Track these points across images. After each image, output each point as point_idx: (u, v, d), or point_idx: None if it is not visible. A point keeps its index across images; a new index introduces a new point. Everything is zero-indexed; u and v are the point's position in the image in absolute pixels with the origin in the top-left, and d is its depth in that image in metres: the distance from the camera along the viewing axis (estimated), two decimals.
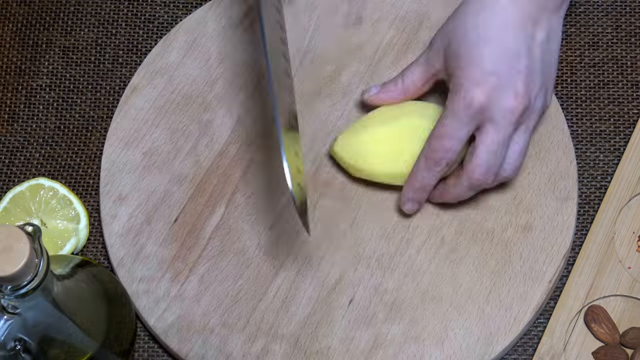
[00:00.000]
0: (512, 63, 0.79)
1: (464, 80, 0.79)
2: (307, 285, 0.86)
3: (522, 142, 0.81)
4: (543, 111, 0.82)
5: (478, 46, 0.79)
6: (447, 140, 0.80)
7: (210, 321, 0.85)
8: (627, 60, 0.95)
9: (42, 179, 0.89)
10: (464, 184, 0.82)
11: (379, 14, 0.95)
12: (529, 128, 0.81)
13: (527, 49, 0.80)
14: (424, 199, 0.86)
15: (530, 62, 0.80)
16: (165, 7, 0.99)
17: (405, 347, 0.83)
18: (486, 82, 0.78)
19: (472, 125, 0.80)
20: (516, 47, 0.79)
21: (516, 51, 0.79)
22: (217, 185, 0.89)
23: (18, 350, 0.72)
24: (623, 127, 0.93)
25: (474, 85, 0.78)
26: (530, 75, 0.80)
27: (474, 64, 0.79)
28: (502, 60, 0.79)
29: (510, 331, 0.84)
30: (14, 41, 0.98)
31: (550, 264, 0.85)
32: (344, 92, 0.92)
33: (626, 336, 0.84)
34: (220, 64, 0.94)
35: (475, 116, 0.79)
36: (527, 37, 0.80)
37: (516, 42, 0.79)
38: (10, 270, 0.64)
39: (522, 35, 0.79)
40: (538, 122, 0.83)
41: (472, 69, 0.79)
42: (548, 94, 0.82)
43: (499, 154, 0.80)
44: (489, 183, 0.82)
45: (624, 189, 0.89)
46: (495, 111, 0.79)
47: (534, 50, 0.80)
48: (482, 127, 0.80)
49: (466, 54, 0.80)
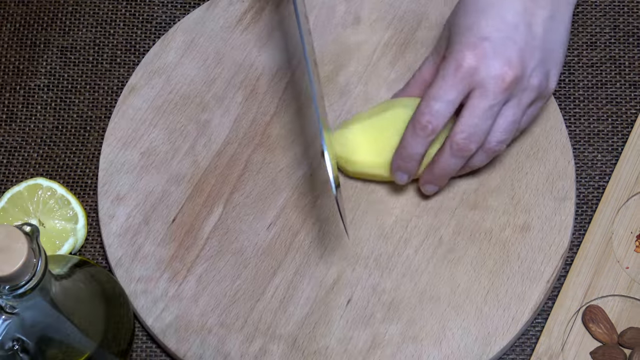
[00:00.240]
0: (508, 33, 0.79)
1: (457, 45, 0.79)
2: (305, 285, 0.86)
3: (510, 115, 0.80)
4: (542, 92, 0.81)
5: (475, 14, 0.80)
6: (435, 102, 0.79)
7: (208, 321, 0.85)
8: (625, 60, 0.95)
9: (40, 179, 0.89)
10: (447, 150, 0.81)
11: (377, 13, 0.95)
12: (522, 103, 0.80)
13: (527, 23, 0.79)
14: (413, 169, 0.84)
15: (529, 36, 0.79)
16: (163, 7, 0.99)
17: (403, 347, 0.83)
18: (478, 46, 0.78)
19: (461, 89, 0.79)
20: (514, 19, 0.79)
21: (514, 23, 0.79)
22: (215, 185, 0.89)
23: (16, 350, 0.71)
24: (621, 127, 0.93)
25: (466, 48, 0.78)
26: (526, 48, 0.79)
27: (469, 30, 0.79)
28: (497, 28, 0.79)
29: (508, 331, 0.84)
30: (12, 41, 0.98)
31: (548, 264, 0.86)
32: (342, 92, 0.92)
33: (624, 336, 0.84)
34: (218, 64, 0.94)
35: (465, 79, 0.78)
36: (527, 13, 0.79)
37: (515, 14, 0.79)
38: (8, 270, 0.64)
39: (522, 9, 0.79)
40: (536, 103, 0.82)
41: (466, 35, 0.79)
42: (551, 75, 0.81)
43: (483, 121, 0.79)
44: (471, 149, 0.80)
45: (622, 189, 0.89)
46: (484, 76, 0.78)
47: (534, 27, 0.80)
48: (470, 93, 0.79)
49: (463, 23, 0.80)
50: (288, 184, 0.89)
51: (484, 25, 0.79)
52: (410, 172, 0.84)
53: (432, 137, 0.80)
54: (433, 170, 0.83)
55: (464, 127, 0.79)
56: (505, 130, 0.81)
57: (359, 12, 0.95)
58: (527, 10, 0.80)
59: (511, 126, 0.81)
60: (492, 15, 0.79)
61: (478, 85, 0.78)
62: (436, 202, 0.88)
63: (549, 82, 0.81)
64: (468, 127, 0.79)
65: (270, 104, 0.92)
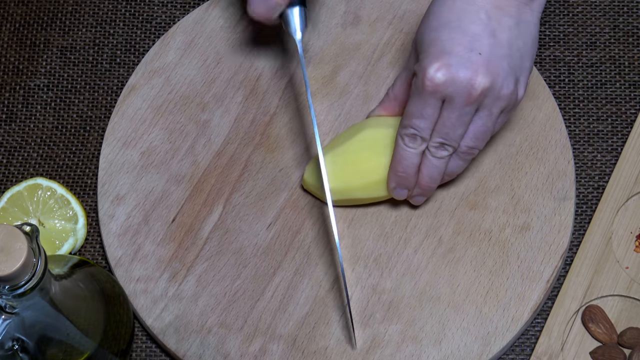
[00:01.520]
0: (472, 44, 0.79)
1: (424, 60, 0.79)
2: (304, 285, 0.86)
3: (481, 125, 0.81)
4: (512, 100, 0.81)
5: (437, 29, 0.80)
6: (415, 119, 0.80)
7: (208, 321, 0.85)
8: (625, 60, 0.95)
9: (40, 179, 0.90)
10: (427, 157, 0.82)
11: (377, 13, 0.95)
12: (493, 113, 0.80)
13: (491, 32, 0.79)
14: (412, 181, 0.84)
15: (495, 45, 0.79)
16: (163, 7, 0.99)
17: (402, 347, 0.83)
18: (444, 61, 0.78)
19: (433, 103, 0.79)
20: (477, 29, 0.79)
21: (477, 33, 0.79)
22: (215, 185, 0.89)
23: (16, 350, 0.72)
24: (621, 127, 0.93)
25: (431, 64, 0.79)
26: (493, 58, 0.79)
27: (433, 45, 0.79)
28: (459, 42, 0.79)
29: (508, 331, 0.84)
30: (11, 41, 0.98)
31: (548, 264, 0.86)
32: (342, 92, 0.92)
33: (624, 336, 0.84)
34: (218, 64, 0.94)
35: (434, 94, 0.79)
36: (492, 21, 0.79)
37: (478, 24, 0.79)
38: (8, 270, 0.64)
39: (485, 18, 0.79)
40: (505, 111, 0.82)
41: (431, 50, 0.79)
42: (520, 84, 0.81)
43: (453, 129, 0.80)
44: (443, 156, 0.81)
45: (622, 189, 0.89)
46: (452, 90, 0.78)
47: (499, 34, 0.79)
48: (443, 103, 0.80)
49: (427, 39, 0.80)
50: (288, 184, 0.89)
51: (445, 39, 0.79)
52: (409, 185, 0.84)
53: (424, 145, 0.81)
54: (419, 182, 0.84)
55: (436, 135, 0.81)
56: (477, 138, 0.81)
57: (358, 12, 0.95)
58: (492, 18, 0.79)
59: (483, 135, 0.81)
60: (454, 28, 0.79)
61: (447, 97, 0.79)
62: (436, 202, 0.88)
63: (518, 90, 0.81)
64: (441, 135, 0.80)
65: (270, 104, 0.92)
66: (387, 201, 0.88)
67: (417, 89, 0.79)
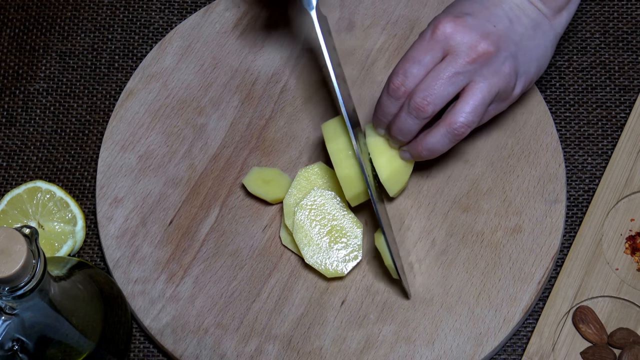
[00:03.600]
0: (490, 18, 0.80)
1: (441, 15, 0.80)
2: (299, 286, 0.86)
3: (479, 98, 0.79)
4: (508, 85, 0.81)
5: (463, 1, 0.82)
6: (409, 63, 0.80)
7: (204, 322, 0.85)
8: (615, 65, 0.96)
9: (40, 182, 0.90)
10: (404, 108, 0.80)
11: (371, 19, 0.95)
12: (491, 89, 0.79)
13: (509, 18, 0.81)
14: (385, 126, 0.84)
15: (509, 29, 0.80)
16: (161, 12, 0.99)
17: (396, 348, 0.84)
18: (459, 17, 0.79)
19: (435, 52, 0.79)
20: (497, 12, 0.81)
21: (497, 14, 0.80)
22: (212, 188, 0.90)
23: (16, 350, 0.72)
24: (611, 130, 0.93)
25: (445, 17, 0.80)
26: (504, 37, 0.80)
27: (454, 7, 0.81)
28: (480, 11, 0.80)
29: (500, 331, 0.84)
30: (11, 46, 0.98)
31: (539, 265, 0.86)
32: None
33: (614, 336, 0.84)
34: (215, 68, 0.94)
35: (439, 42, 0.79)
36: (512, 13, 0.81)
37: (498, 8, 0.81)
38: (8, 272, 0.64)
39: (507, 8, 0.81)
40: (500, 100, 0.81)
41: (450, 10, 0.81)
42: (519, 80, 0.82)
43: (445, 86, 0.79)
44: (427, 111, 0.79)
45: (612, 192, 0.89)
46: (458, 42, 0.79)
47: (516, 25, 0.81)
48: (442, 59, 0.80)
49: (450, 7, 0.82)
50: None
51: (467, 5, 0.81)
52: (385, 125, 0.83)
53: (403, 99, 0.80)
54: (391, 130, 0.82)
55: (425, 86, 0.79)
56: (473, 112, 0.79)
57: (352, 17, 0.95)
58: (513, 10, 0.81)
59: (479, 109, 0.80)
60: (477, 2, 0.81)
61: (451, 50, 0.79)
62: (429, 204, 0.88)
63: (516, 84, 0.82)
64: (429, 88, 0.79)
65: (265, 108, 0.92)
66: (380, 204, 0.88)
67: (424, 36, 0.80)
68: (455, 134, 0.80)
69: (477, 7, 0.81)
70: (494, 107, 0.82)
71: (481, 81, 0.79)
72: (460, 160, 0.90)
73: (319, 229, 0.85)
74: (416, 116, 0.80)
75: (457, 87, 0.79)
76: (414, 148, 0.83)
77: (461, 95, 0.80)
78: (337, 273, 0.85)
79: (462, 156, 0.90)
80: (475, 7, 0.81)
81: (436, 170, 0.90)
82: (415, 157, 0.83)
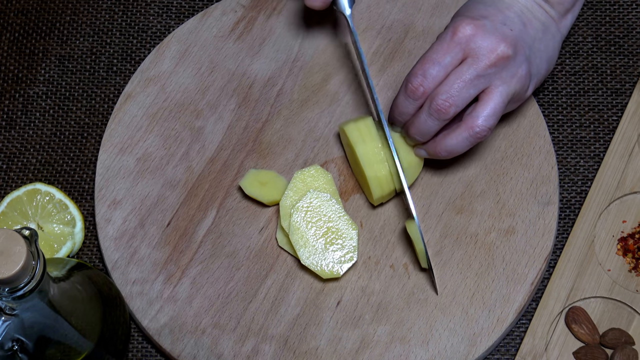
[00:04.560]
0: (506, 21, 0.81)
1: (458, 18, 0.81)
2: (296, 287, 0.87)
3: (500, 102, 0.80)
4: (523, 87, 0.82)
5: (476, 5, 0.83)
6: (429, 64, 0.81)
7: (202, 322, 0.86)
8: (607, 69, 0.96)
9: (39, 184, 0.90)
10: (425, 109, 0.81)
11: (366, 23, 0.96)
12: (509, 86, 0.81)
13: (522, 21, 0.82)
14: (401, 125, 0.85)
15: (524, 32, 0.82)
16: (158, 17, 0.99)
17: (391, 348, 0.84)
18: (477, 21, 0.80)
19: (455, 54, 0.80)
20: (511, 15, 0.82)
21: (511, 17, 0.82)
22: (209, 190, 0.90)
23: (15, 350, 0.72)
24: (603, 133, 0.94)
25: (464, 19, 0.81)
26: (520, 39, 0.81)
27: (470, 11, 0.82)
28: (496, 15, 0.81)
29: (494, 332, 0.84)
30: (11, 50, 0.98)
31: (532, 266, 0.86)
32: (332, 100, 0.93)
33: (606, 337, 0.85)
34: (212, 72, 0.94)
35: (460, 44, 0.80)
36: (524, 16, 0.82)
37: (511, 12, 0.82)
38: (7, 273, 0.65)
39: (518, 11, 0.82)
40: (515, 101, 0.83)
41: (467, 13, 0.82)
42: (531, 81, 0.83)
43: (466, 88, 0.80)
44: (449, 113, 0.80)
45: (604, 194, 0.89)
46: (479, 45, 0.80)
47: (529, 28, 0.82)
48: (463, 61, 0.81)
49: (463, 10, 0.83)
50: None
51: (482, 9, 0.82)
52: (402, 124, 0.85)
53: (422, 100, 0.81)
54: (409, 130, 0.83)
55: (447, 88, 0.80)
56: (494, 115, 0.81)
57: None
58: (525, 14, 0.83)
59: (498, 112, 0.81)
60: (491, 5, 0.82)
61: (471, 53, 0.80)
62: (423, 206, 0.89)
63: (529, 85, 0.83)
64: (451, 89, 0.80)
65: (262, 111, 0.93)
66: (376, 206, 0.89)
67: (444, 37, 0.80)
68: (477, 137, 0.81)
69: (492, 11, 0.82)
70: (508, 107, 0.84)
71: (500, 85, 0.81)
72: (454, 163, 0.90)
73: (315, 230, 0.86)
74: (437, 118, 0.81)
75: (478, 90, 0.81)
76: (432, 148, 0.84)
77: (481, 97, 0.81)
78: (332, 274, 0.85)
79: (456, 158, 0.90)
80: (490, 11, 0.82)
81: (430, 172, 0.90)
82: (432, 156, 0.85)
